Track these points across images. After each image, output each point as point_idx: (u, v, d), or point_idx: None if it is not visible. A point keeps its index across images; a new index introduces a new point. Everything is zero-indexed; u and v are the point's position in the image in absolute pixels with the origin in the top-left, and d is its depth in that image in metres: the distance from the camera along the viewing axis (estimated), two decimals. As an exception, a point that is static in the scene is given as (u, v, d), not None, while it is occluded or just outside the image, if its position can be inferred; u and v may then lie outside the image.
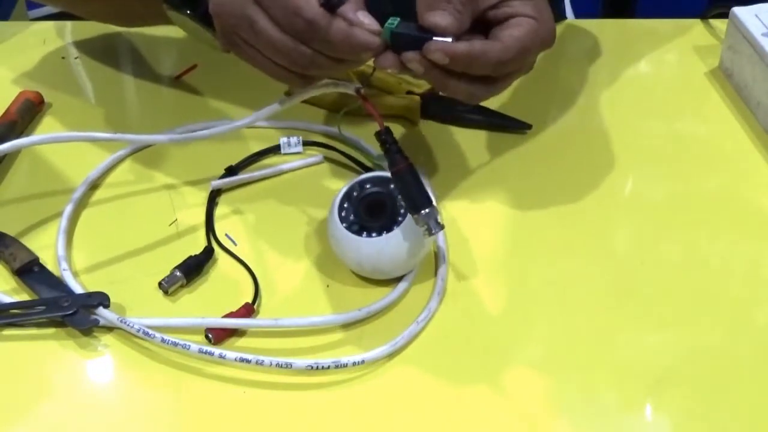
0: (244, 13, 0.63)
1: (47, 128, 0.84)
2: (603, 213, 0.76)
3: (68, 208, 0.74)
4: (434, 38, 0.62)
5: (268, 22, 0.62)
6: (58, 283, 0.68)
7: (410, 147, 0.81)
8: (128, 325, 0.64)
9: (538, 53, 0.67)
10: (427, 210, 0.63)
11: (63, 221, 0.73)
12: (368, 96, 0.67)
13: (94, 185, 0.77)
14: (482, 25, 0.66)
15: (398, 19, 0.63)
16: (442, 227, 0.64)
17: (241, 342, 0.65)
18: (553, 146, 0.82)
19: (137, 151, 0.81)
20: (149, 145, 0.81)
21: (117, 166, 0.79)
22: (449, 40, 0.63)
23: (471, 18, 0.65)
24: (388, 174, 0.68)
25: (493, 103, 0.83)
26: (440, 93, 0.70)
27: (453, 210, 0.74)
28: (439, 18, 0.63)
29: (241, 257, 0.71)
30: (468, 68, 0.64)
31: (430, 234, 0.64)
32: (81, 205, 0.76)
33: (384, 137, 0.65)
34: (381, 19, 0.63)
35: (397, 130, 0.84)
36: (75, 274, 0.69)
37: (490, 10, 0.65)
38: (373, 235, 0.66)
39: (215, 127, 0.73)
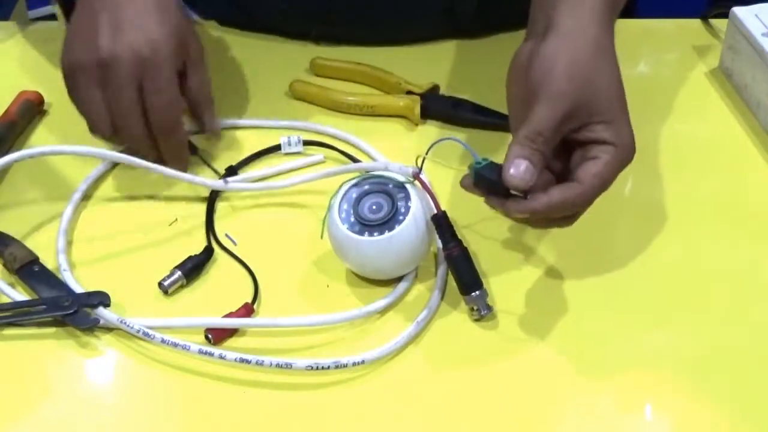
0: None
1: (47, 128, 0.84)
2: (603, 212, 0.76)
3: (68, 208, 0.74)
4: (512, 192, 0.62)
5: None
6: (58, 282, 0.68)
7: (410, 147, 0.81)
8: (128, 325, 0.64)
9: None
10: (477, 292, 0.65)
11: (63, 221, 0.73)
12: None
13: (94, 185, 0.77)
14: (566, 145, 0.66)
15: (488, 160, 0.63)
16: (490, 309, 0.66)
17: (241, 342, 0.65)
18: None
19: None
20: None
21: (117, 166, 0.79)
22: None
23: (553, 147, 0.64)
24: (387, 173, 0.68)
25: (493, 103, 0.83)
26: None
27: (452, 210, 0.74)
28: (515, 171, 0.62)
29: (241, 257, 0.71)
30: (551, 215, 0.64)
31: (479, 316, 0.66)
32: (81, 204, 0.76)
33: (440, 221, 0.66)
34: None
35: (397, 130, 0.84)
36: (75, 274, 0.69)
37: (573, 133, 0.65)
38: (375, 235, 0.66)
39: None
